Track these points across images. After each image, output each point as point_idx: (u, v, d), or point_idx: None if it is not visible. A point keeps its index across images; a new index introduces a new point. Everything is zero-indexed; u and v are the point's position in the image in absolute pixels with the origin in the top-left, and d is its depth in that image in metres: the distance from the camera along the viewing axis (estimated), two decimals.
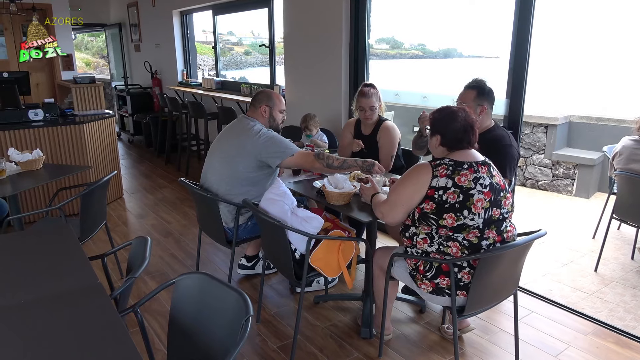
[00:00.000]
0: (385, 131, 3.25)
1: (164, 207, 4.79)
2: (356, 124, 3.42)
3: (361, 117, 3.28)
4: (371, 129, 3.31)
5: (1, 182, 2.97)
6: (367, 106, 3.20)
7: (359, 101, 3.22)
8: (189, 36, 7.18)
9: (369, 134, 3.32)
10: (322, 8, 4.20)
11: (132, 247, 1.99)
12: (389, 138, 3.24)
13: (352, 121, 3.46)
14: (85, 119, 4.55)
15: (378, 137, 3.27)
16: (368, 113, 3.22)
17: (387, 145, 3.24)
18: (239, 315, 1.44)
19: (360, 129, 3.39)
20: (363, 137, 3.33)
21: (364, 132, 3.36)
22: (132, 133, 8.06)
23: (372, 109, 3.21)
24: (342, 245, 2.36)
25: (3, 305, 1.48)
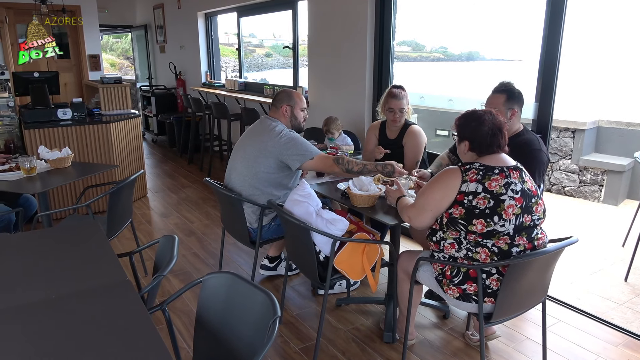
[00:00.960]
0: (412, 135, 3.20)
1: (186, 206, 4.84)
2: (381, 126, 3.38)
3: (389, 119, 3.23)
4: (397, 132, 3.26)
5: (31, 179, 3.03)
6: (397, 108, 3.14)
7: (389, 102, 3.16)
8: (213, 38, 7.25)
9: (395, 137, 3.27)
10: (347, 10, 4.19)
11: (160, 245, 2.01)
12: (415, 142, 3.19)
13: (377, 124, 3.42)
14: (112, 118, 4.62)
15: (404, 142, 3.22)
16: (397, 115, 3.16)
17: (413, 150, 3.19)
18: (266, 316, 1.44)
19: (385, 132, 3.34)
20: (388, 141, 3.29)
21: (389, 135, 3.32)
22: (156, 133, 8.18)
23: (401, 111, 3.16)
24: (367, 248, 2.34)
25: (36, 300, 1.51)
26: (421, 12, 4.13)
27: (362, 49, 4.11)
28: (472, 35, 4.75)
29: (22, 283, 1.63)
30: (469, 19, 4.46)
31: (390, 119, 3.21)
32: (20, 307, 1.46)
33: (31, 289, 1.59)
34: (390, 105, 3.15)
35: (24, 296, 1.54)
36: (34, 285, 1.62)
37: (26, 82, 4.58)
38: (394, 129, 3.28)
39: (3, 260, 1.83)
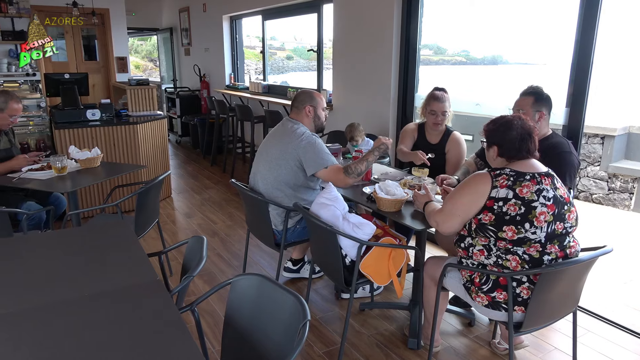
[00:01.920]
0: (455, 143, 3.14)
1: (210, 207, 4.89)
2: (419, 129, 3.29)
3: (430, 122, 3.14)
4: (439, 138, 3.19)
5: (62, 178, 3.10)
6: (440, 110, 3.07)
7: (432, 105, 3.09)
8: (237, 40, 7.32)
9: (436, 143, 3.19)
10: (373, 13, 4.18)
11: (188, 245, 2.04)
12: (460, 150, 3.14)
13: (413, 127, 3.34)
14: (139, 119, 4.70)
15: (447, 149, 3.16)
16: (439, 118, 3.09)
17: (457, 158, 3.13)
18: (296, 319, 1.44)
19: (424, 136, 3.25)
20: (429, 145, 3.21)
21: (429, 140, 3.24)
22: (180, 134, 8.28)
23: (443, 114, 3.09)
24: (393, 253, 2.32)
25: (69, 297, 1.54)
26: (443, 15, 4.09)
27: (387, 52, 4.10)
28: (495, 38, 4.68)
29: (56, 280, 1.67)
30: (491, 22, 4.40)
31: (431, 122, 3.13)
32: (55, 304, 1.49)
33: (65, 287, 1.62)
34: (433, 107, 3.08)
35: (59, 293, 1.57)
36: (68, 282, 1.65)
37: (57, 83, 4.69)
38: (435, 133, 3.20)
39: (36, 258, 1.87)
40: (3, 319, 1.40)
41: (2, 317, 1.41)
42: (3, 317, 1.41)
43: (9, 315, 1.42)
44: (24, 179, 3.03)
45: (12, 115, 3.22)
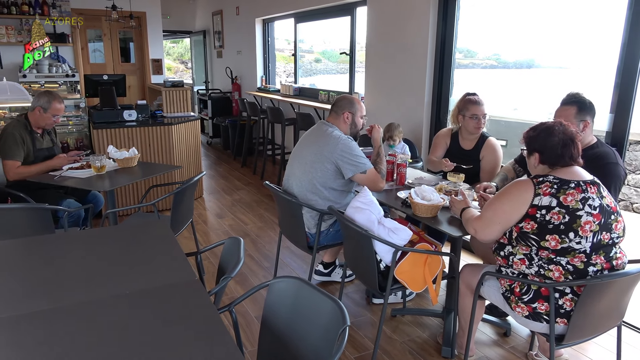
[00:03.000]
0: (491, 149, 3.06)
1: (241, 208, 4.93)
2: (452, 136, 3.23)
3: (471, 127, 3.05)
4: (473, 143, 3.12)
5: (101, 177, 3.17)
6: (482, 114, 3.00)
7: (472, 109, 3.01)
8: (269, 43, 7.38)
9: (471, 149, 3.13)
10: (408, 16, 4.15)
11: (225, 246, 2.05)
12: (495, 157, 3.06)
13: (447, 132, 3.28)
14: (173, 120, 4.78)
15: (482, 155, 3.09)
16: (482, 122, 3.02)
17: (492, 165, 3.05)
18: (335, 324, 1.43)
19: (458, 142, 3.19)
20: (463, 152, 3.14)
21: (463, 146, 3.16)
22: (211, 135, 8.40)
23: (484, 117, 3.02)
24: (429, 259, 2.29)
25: (111, 295, 1.57)
26: (474, 18, 4.02)
27: (422, 55, 4.05)
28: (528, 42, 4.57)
29: (98, 278, 1.70)
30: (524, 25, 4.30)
31: (473, 127, 3.05)
32: (98, 301, 1.52)
33: (107, 284, 1.65)
34: (474, 112, 3.01)
35: (101, 291, 1.60)
36: (109, 280, 1.68)
37: (96, 84, 4.82)
38: (470, 139, 3.13)
39: (78, 255, 1.91)
40: (47, 314, 1.44)
41: (46, 313, 1.45)
42: (47, 313, 1.45)
43: (52, 311, 1.46)
44: (65, 177, 3.12)
45: (55, 114, 3.32)
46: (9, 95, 4.49)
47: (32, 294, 1.56)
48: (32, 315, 1.43)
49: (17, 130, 3.22)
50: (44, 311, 1.45)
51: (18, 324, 1.39)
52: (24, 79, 6.47)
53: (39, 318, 1.42)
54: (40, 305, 1.48)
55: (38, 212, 2.63)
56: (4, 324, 1.39)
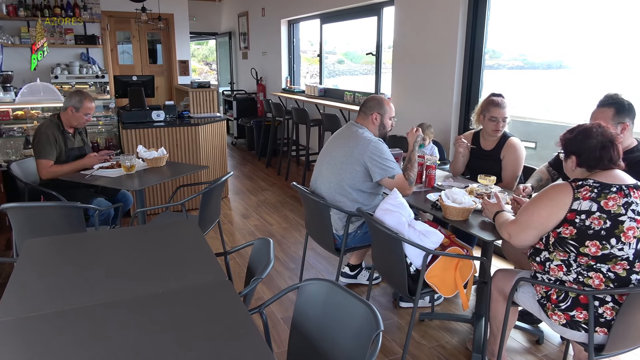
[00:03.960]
0: (512, 149, 3.00)
1: (265, 208, 4.94)
2: (474, 138, 3.20)
3: (490, 129, 3.02)
4: (494, 144, 3.08)
5: (130, 176, 3.21)
6: (501, 117, 2.96)
7: (492, 111, 2.97)
8: (294, 44, 7.39)
9: (491, 149, 3.08)
10: (437, 16, 4.09)
11: (254, 247, 2.04)
12: (516, 156, 3.00)
13: (469, 134, 3.24)
14: (200, 121, 4.82)
15: (502, 155, 3.03)
16: (500, 124, 2.98)
17: (513, 165, 2.99)
18: (368, 329, 1.40)
19: (479, 144, 3.16)
20: (484, 152, 3.10)
21: (484, 147, 3.12)
22: (236, 136, 8.46)
23: (504, 120, 2.97)
24: (460, 264, 2.24)
25: (144, 294, 1.57)
26: (501, 18, 3.93)
27: (451, 56, 3.99)
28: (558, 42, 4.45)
29: (130, 276, 1.71)
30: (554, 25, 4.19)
31: (491, 129, 3.01)
32: (131, 300, 1.53)
33: (139, 283, 1.66)
34: (494, 114, 2.97)
35: (134, 289, 1.61)
36: (142, 279, 1.69)
37: (125, 85, 4.90)
38: (490, 139, 3.09)
39: (110, 253, 1.93)
40: (84, 312, 1.45)
41: (79, 311, 1.46)
42: (81, 311, 1.46)
43: (89, 308, 1.47)
44: (96, 176, 3.17)
45: (87, 113, 3.38)
46: (42, 95, 4.61)
47: (69, 292, 1.58)
48: (70, 312, 1.44)
49: (50, 129, 3.28)
50: (81, 308, 1.46)
51: (57, 320, 1.40)
52: (55, 80, 6.64)
53: (77, 315, 1.43)
54: (77, 303, 1.50)
55: (70, 210, 2.67)
56: (42, 320, 1.40)
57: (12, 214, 2.62)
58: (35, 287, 1.61)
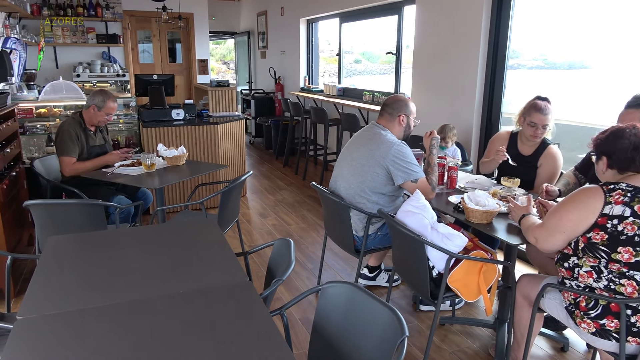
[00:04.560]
0: (551, 157, 2.88)
1: (283, 208, 4.92)
2: (511, 138, 3.05)
3: (528, 134, 2.86)
4: (533, 150, 2.93)
5: (150, 174, 3.22)
6: (541, 124, 2.79)
7: (532, 116, 2.80)
8: (313, 43, 7.37)
9: (529, 155, 2.94)
10: (460, 15, 4.02)
11: (275, 248, 2.02)
12: (554, 166, 2.87)
13: (505, 135, 3.10)
14: (219, 120, 4.83)
15: (540, 162, 2.90)
16: (539, 131, 2.81)
17: (550, 174, 2.87)
18: (392, 334, 1.37)
19: (516, 147, 3.00)
20: (521, 157, 2.96)
21: (522, 151, 2.97)
22: (254, 135, 8.48)
23: (544, 128, 2.81)
24: (484, 268, 2.18)
25: (165, 294, 1.56)
26: (521, 17, 3.84)
27: (473, 55, 3.92)
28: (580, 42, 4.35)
29: (151, 275, 1.71)
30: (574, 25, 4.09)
31: (529, 134, 2.86)
32: (153, 300, 1.52)
33: (160, 283, 1.65)
34: (533, 119, 2.80)
35: (155, 289, 1.60)
36: (163, 278, 1.68)
37: (146, 83, 4.93)
38: (529, 144, 2.94)
39: (131, 252, 1.93)
40: (103, 311, 1.45)
41: (102, 309, 1.45)
42: (103, 309, 1.45)
43: (111, 307, 1.47)
44: (116, 174, 3.19)
45: (109, 113, 3.40)
46: (64, 93, 4.67)
47: (91, 290, 1.58)
48: (92, 311, 1.44)
49: (73, 127, 3.31)
50: (104, 307, 1.46)
51: (80, 318, 1.40)
52: (77, 78, 6.72)
53: (99, 314, 1.43)
54: (99, 301, 1.50)
55: (92, 208, 2.69)
56: (65, 318, 1.40)
57: (35, 210, 2.65)
58: (58, 285, 1.62)
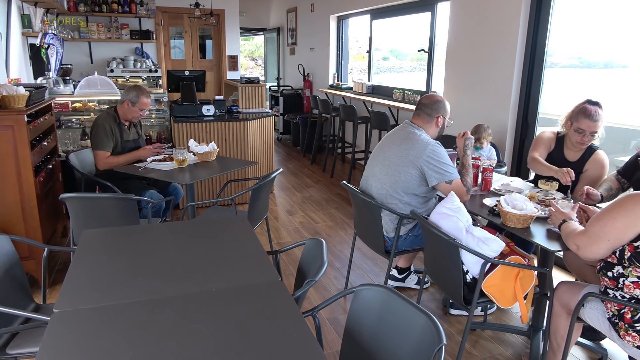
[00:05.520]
0: (597, 164, 2.73)
1: (310, 206, 4.91)
2: (557, 141, 2.89)
3: (574, 140, 2.72)
4: (579, 155, 2.80)
5: (182, 170, 3.25)
6: (590, 130, 2.63)
7: (580, 121, 2.65)
8: (343, 40, 7.32)
9: (575, 160, 2.80)
10: (497, 12, 3.91)
11: (306, 247, 2.00)
12: (600, 173, 2.73)
13: (551, 137, 2.92)
14: (249, 116, 4.85)
15: (586, 168, 2.76)
16: (586, 138, 2.66)
17: (593, 179, 2.72)
18: (428, 341, 1.33)
19: (562, 150, 2.86)
20: (565, 162, 2.82)
21: (567, 156, 2.84)
22: (281, 132, 8.49)
23: (592, 135, 2.65)
24: (521, 274, 2.11)
25: (197, 290, 1.56)
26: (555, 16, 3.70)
27: (510, 53, 3.81)
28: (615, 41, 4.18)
29: (183, 271, 1.70)
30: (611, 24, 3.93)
31: (575, 141, 2.71)
32: (185, 296, 1.52)
33: (192, 279, 1.65)
34: (581, 125, 2.64)
35: (187, 285, 1.60)
36: (195, 275, 1.68)
37: (178, 79, 4.98)
38: (575, 150, 2.81)
39: (164, 247, 1.93)
40: (137, 306, 1.45)
41: (135, 305, 1.46)
42: (137, 305, 1.46)
43: (141, 303, 1.47)
44: (149, 169, 3.23)
45: (142, 108, 3.45)
46: (99, 88, 4.76)
47: (124, 285, 1.59)
48: (126, 306, 1.45)
49: (107, 122, 3.37)
50: (137, 302, 1.47)
51: (114, 313, 1.41)
52: (111, 74, 6.86)
53: (133, 309, 1.43)
54: (133, 297, 1.50)
55: (125, 202, 2.72)
56: (100, 312, 1.41)
57: (71, 203, 2.70)
58: (93, 279, 1.63)
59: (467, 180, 2.61)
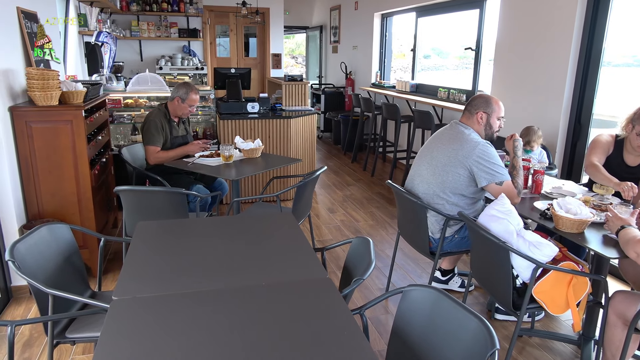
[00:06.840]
0: None
1: (351, 204, 4.91)
2: (617, 144, 2.74)
3: (635, 144, 2.59)
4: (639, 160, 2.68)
5: (228, 166, 3.32)
6: None
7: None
8: (386, 38, 7.26)
9: (635, 165, 2.68)
10: (550, 9, 3.78)
11: (352, 246, 2.01)
12: None
13: (609, 140, 2.77)
14: (292, 114, 4.89)
15: None
16: None
17: None
18: (481, 345, 1.30)
19: (621, 154, 2.72)
20: (625, 167, 2.70)
21: (627, 161, 2.70)
22: (322, 130, 8.52)
23: None
24: (574, 280, 2.04)
25: (248, 285, 1.59)
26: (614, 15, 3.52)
27: (564, 52, 3.67)
28: None
29: (234, 266, 1.74)
30: None
31: (635, 145, 2.59)
32: (236, 290, 1.56)
33: (243, 273, 1.68)
34: None
35: (238, 279, 1.64)
36: (245, 269, 1.71)
37: (224, 77, 5.08)
38: (636, 154, 2.67)
39: (214, 241, 1.98)
40: (188, 297, 1.50)
41: (186, 296, 1.50)
42: (188, 296, 1.50)
43: (195, 294, 1.52)
44: (197, 164, 3.31)
45: (191, 105, 3.54)
46: (149, 85, 4.92)
47: (178, 276, 1.64)
48: (180, 296, 1.50)
49: (158, 118, 3.48)
50: (191, 293, 1.51)
51: (169, 302, 1.46)
52: (159, 71, 7.07)
53: (186, 299, 1.48)
54: (186, 287, 1.55)
55: (175, 196, 2.81)
56: (155, 301, 1.47)
57: (125, 196, 2.81)
58: (148, 269, 1.70)
59: (518, 182, 2.53)
